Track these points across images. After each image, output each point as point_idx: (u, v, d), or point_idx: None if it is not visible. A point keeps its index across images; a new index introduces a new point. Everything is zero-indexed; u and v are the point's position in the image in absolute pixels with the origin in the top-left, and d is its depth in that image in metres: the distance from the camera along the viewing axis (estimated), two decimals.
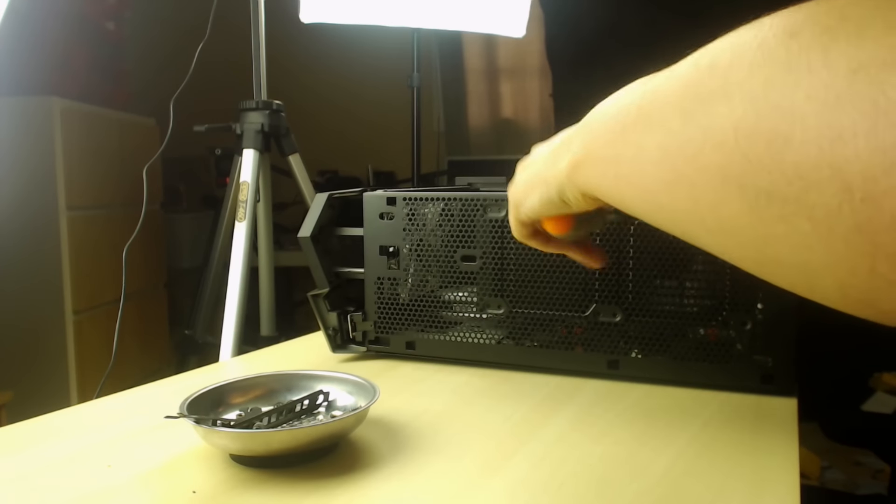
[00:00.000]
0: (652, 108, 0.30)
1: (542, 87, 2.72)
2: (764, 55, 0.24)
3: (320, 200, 0.74)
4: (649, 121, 0.30)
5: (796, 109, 0.22)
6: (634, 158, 0.31)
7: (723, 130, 0.25)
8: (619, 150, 0.33)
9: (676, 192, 0.29)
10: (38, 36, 1.87)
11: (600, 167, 0.36)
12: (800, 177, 0.22)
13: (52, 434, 0.55)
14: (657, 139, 0.29)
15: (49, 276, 1.81)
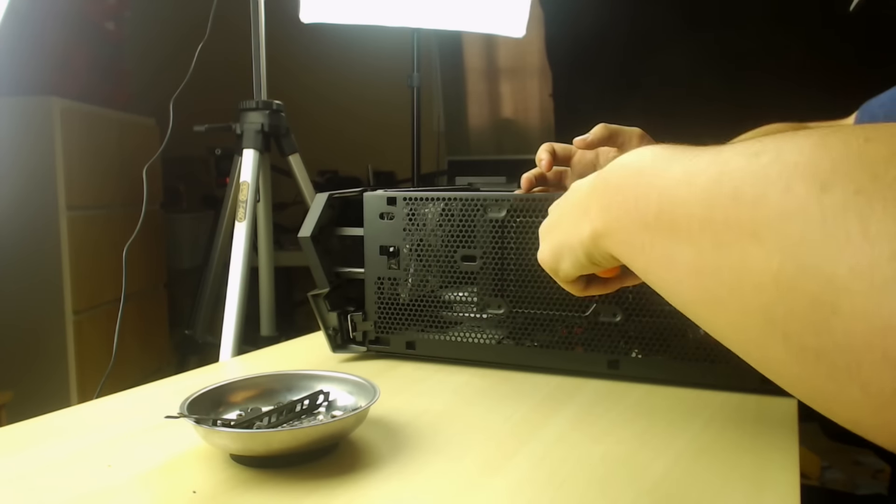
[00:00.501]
0: (674, 217, 0.29)
1: (542, 87, 2.72)
2: (794, 205, 0.23)
3: (320, 200, 0.74)
4: (675, 231, 0.29)
5: (840, 281, 0.21)
6: (665, 265, 0.31)
7: (761, 273, 0.24)
8: (646, 246, 0.32)
9: (716, 315, 0.29)
10: (38, 36, 1.87)
11: (625, 249, 0.36)
12: (851, 350, 0.21)
13: (52, 434, 0.55)
14: (688, 256, 0.29)
15: (49, 276, 1.81)
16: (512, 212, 0.68)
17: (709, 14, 1.66)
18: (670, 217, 0.30)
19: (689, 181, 0.29)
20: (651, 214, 0.31)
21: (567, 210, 0.44)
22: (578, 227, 0.41)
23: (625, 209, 0.34)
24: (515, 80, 2.85)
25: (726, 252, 0.26)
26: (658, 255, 0.32)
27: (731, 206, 0.26)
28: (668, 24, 1.70)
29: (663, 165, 0.32)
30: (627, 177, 0.35)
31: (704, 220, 0.27)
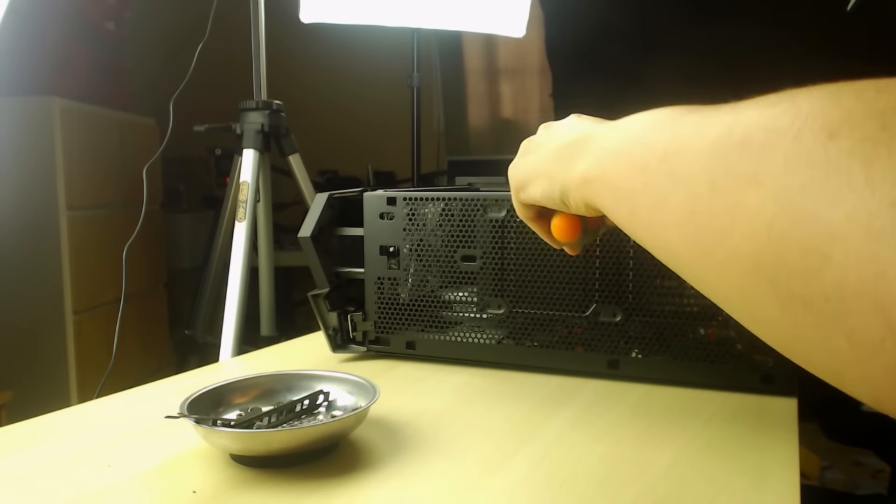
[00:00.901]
0: (679, 161, 0.30)
1: (542, 87, 2.72)
2: (800, 151, 0.23)
3: (320, 200, 0.74)
4: (673, 174, 0.30)
5: (836, 228, 0.21)
6: (655, 208, 0.31)
7: (754, 222, 0.24)
8: (638, 189, 0.33)
9: (701, 262, 0.29)
10: (38, 36, 1.87)
11: (614, 194, 0.36)
12: (840, 299, 0.21)
13: (53, 434, 0.55)
14: (681, 199, 0.29)
15: (49, 276, 1.81)
16: (512, 212, 0.68)
17: (709, 14, 1.66)
18: (674, 161, 0.30)
19: (702, 129, 0.29)
20: (655, 158, 0.31)
21: (562, 139, 0.43)
22: (568, 164, 0.41)
23: (627, 154, 0.34)
24: (515, 80, 2.85)
25: (722, 197, 0.26)
26: (649, 198, 0.31)
27: (738, 153, 0.26)
28: (669, 24, 1.70)
29: (678, 115, 0.32)
30: (639, 128, 0.35)
31: (707, 165, 0.27)
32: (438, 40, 2.85)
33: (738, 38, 1.60)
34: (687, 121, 0.31)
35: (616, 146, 0.36)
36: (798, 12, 1.56)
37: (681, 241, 0.30)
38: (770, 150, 0.24)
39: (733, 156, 0.26)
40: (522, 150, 0.49)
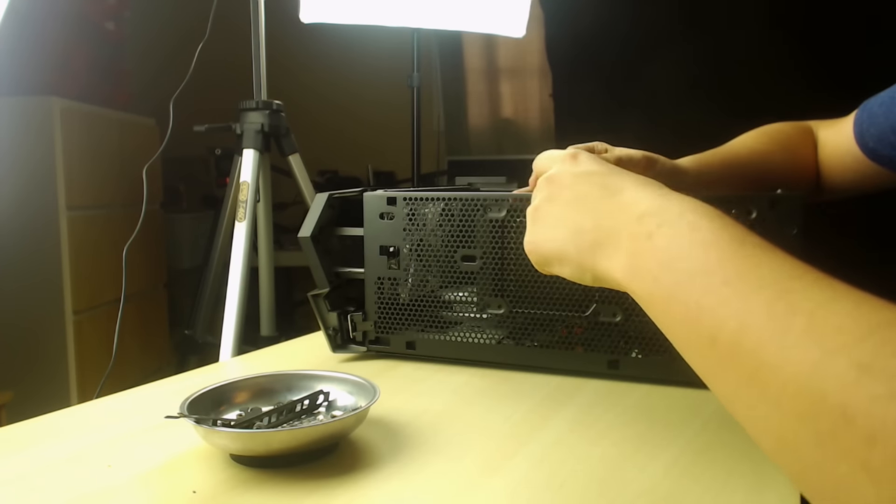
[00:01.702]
0: (755, 367, 0.29)
1: (542, 87, 2.72)
2: (838, 388, 0.24)
3: (320, 200, 0.74)
4: (745, 368, 0.29)
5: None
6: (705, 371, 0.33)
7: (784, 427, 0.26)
8: (699, 351, 0.33)
9: (714, 384, 0.32)
10: (38, 36, 1.87)
11: (653, 310, 0.37)
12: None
13: (53, 434, 0.55)
14: (751, 393, 0.29)
15: (49, 276, 1.81)
16: (512, 212, 0.68)
17: (709, 14, 1.66)
18: (747, 359, 0.29)
19: (777, 320, 0.28)
20: (724, 334, 0.31)
21: (578, 218, 0.42)
22: (595, 256, 0.41)
23: (678, 300, 0.34)
24: (515, 80, 2.85)
25: (760, 397, 0.28)
26: (699, 361, 0.33)
27: (775, 369, 0.27)
28: (669, 23, 1.70)
29: (739, 256, 0.32)
30: (686, 258, 0.35)
31: (783, 386, 0.27)
32: (438, 40, 2.85)
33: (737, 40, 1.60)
34: (756, 291, 0.30)
35: (660, 276, 0.36)
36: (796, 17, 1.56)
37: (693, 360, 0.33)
38: (808, 384, 0.25)
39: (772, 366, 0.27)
40: (531, 218, 0.46)
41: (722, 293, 0.31)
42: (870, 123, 0.73)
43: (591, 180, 0.44)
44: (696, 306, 0.32)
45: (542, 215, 0.45)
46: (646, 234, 0.37)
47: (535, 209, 0.46)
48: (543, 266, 0.46)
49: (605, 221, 0.41)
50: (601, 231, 0.41)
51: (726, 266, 0.32)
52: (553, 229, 0.44)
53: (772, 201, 0.60)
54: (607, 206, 0.41)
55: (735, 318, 0.29)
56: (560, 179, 0.45)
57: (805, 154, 0.82)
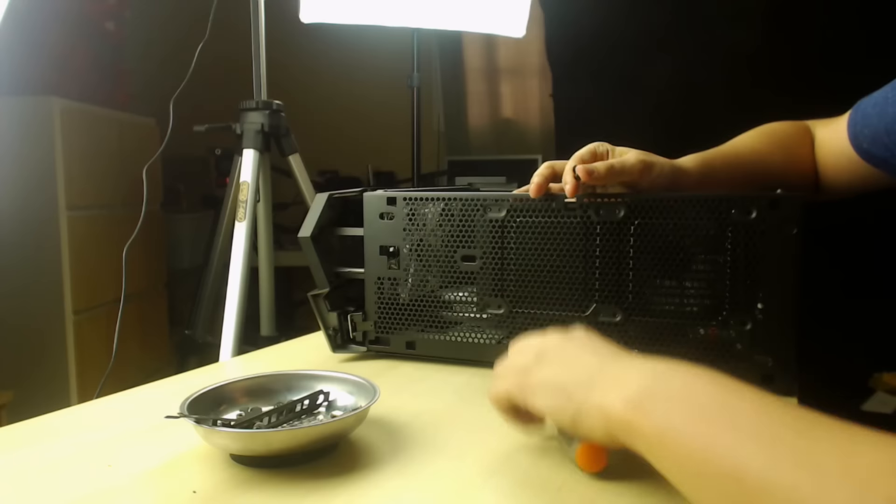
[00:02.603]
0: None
1: (542, 87, 2.72)
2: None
3: (320, 200, 0.74)
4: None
5: None
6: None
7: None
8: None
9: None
10: (38, 36, 1.87)
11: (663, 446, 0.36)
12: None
13: (53, 434, 0.55)
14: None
15: (49, 276, 1.81)
16: (512, 212, 0.68)
17: (709, 13, 1.66)
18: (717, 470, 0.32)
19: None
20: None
21: (576, 383, 0.42)
22: (591, 417, 0.40)
23: (683, 445, 0.35)
24: (515, 80, 2.85)
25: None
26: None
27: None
28: (669, 23, 1.69)
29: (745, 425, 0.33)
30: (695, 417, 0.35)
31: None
32: (438, 40, 2.85)
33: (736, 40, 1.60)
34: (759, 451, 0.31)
35: (671, 410, 0.36)
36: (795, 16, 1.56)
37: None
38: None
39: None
40: (535, 352, 0.46)
41: (748, 430, 0.32)
42: (863, 125, 0.73)
43: (596, 342, 0.45)
44: (719, 442, 0.32)
45: (548, 355, 0.45)
46: (653, 374, 0.38)
47: (542, 344, 0.46)
48: (523, 390, 0.45)
49: (609, 365, 0.41)
50: (603, 370, 0.41)
51: (745, 405, 0.33)
52: (555, 367, 0.44)
53: (772, 201, 0.60)
54: (611, 357, 0.42)
55: (762, 455, 0.30)
56: (574, 335, 0.46)
57: (804, 154, 0.82)
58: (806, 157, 0.81)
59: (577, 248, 0.66)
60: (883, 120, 0.69)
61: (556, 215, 0.66)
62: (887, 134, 0.69)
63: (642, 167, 0.67)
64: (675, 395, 0.36)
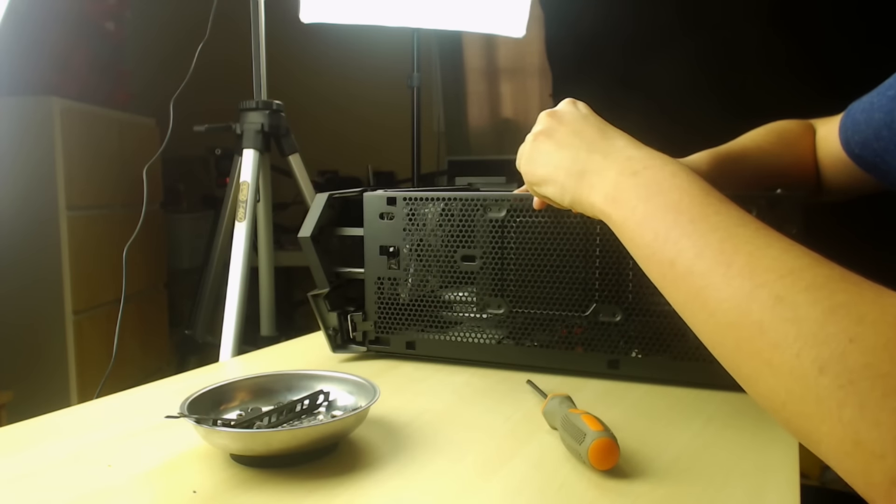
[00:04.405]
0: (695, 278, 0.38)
1: (542, 87, 2.72)
2: (759, 309, 0.34)
3: (320, 200, 0.74)
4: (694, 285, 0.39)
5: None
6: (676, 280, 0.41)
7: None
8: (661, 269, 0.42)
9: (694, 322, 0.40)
10: (38, 36, 1.87)
11: (624, 233, 0.46)
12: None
13: (53, 434, 0.55)
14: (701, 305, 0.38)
15: (49, 276, 1.81)
16: (512, 212, 0.68)
17: (709, 14, 1.66)
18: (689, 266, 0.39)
19: (727, 266, 0.37)
20: (682, 259, 0.40)
21: (574, 149, 0.51)
22: (580, 183, 0.50)
23: (644, 238, 0.43)
24: (515, 80, 2.85)
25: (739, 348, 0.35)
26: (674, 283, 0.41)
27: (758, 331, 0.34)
28: (669, 24, 1.70)
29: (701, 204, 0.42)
30: (658, 202, 0.44)
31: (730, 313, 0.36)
32: (438, 40, 2.85)
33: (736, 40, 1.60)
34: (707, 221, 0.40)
35: (638, 206, 0.44)
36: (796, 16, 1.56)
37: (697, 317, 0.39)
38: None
39: (754, 331, 0.33)
40: (534, 141, 0.55)
41: (687, 228, 0.40)
42: (853, 130, 0.72)
43: (589, 122, 0.53)
44: (664, 235, 0.41)
45: (543, 140, 0.54)
46: (632, 171, 0.46)
47: (540, 133, 0.54)
48: (532, 184, 0.56)
49: (596, 155, 0.49)
50: (591, 162, 0.49)
51: (693, 208, 0.41)
52: (549, 154, 0.53)
53: (772, 201, 0.60)
54: (601, 145, 0.50)
55: (692, 249, 0.39)
56: (562, 116, 0.54)
57: (809, 154, 0.81)
58: (811, 156, 0.81)
59: (577, 248, 0.66)
60: (871, 126, 0.69)
61: (556, 215, 0.66)
62: (876, 140, 0.68)
63: None
64: (642, 192, 0.44)
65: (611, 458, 0.45)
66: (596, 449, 0.45)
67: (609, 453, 0.45)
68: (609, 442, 0.45)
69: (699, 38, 1.65)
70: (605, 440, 0.45)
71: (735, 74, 1.61)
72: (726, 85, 1.62)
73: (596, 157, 0.49)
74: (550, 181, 0.53)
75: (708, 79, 1.61)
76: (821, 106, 0.83)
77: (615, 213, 0.46)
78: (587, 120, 0.53)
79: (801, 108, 0.85)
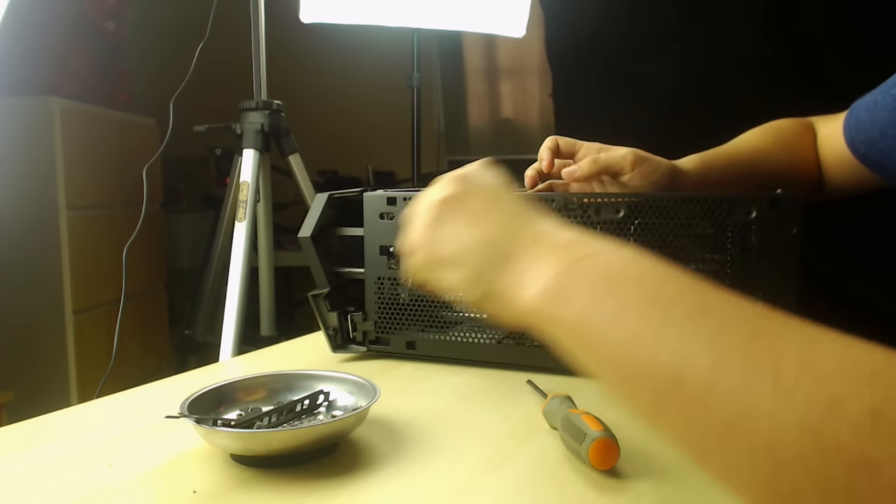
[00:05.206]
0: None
1: (542, 87, 2.72)
2: (854, 437, 0.22)
3: (320, 200, 0.74)
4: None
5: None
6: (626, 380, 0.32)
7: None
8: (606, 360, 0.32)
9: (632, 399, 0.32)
10: (38, 36, 1.87)
11: (581, 337, 0.33)
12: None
13: (53, 434, 0.55)
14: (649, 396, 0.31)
15: (49, 276, 1.81)
16: None
17: (709, 14, 1.66)
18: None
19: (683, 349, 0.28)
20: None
21: (489, 230, 0.38)
22: (501, 269, 0.36)
23: (591, 333, 0.31)
24: (515, 80, 2.85)
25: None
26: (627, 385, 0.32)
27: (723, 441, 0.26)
28: (669, 23, 1.69)
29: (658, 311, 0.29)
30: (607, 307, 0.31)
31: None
32: (438, 40, 2.85)
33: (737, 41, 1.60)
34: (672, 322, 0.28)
35: (601, 299, 0.31)
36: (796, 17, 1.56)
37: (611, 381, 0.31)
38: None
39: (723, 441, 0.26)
40: (432, 212, 0.40)
41: (687, 326, 0.28)
42: (858, 129, 0.72)
43: (508, 194, 0.40)
44: (651, 338, 0.28)
45: (449, 210, 0.40)
46: (576, 257, 0.33)
47: (445, 201, 0.40)
48: (429, 266, 0.40)
49: (523, 236, 0.36)
50: (518, 245, 0.36)
51: (685, 298, 0.29)
52: (458, 229, 0.39)
53: (772, 201, 0.60)
54: (527, 224, 0.37)
55: (707, 356, 0.26)
56: (474, 181, 0.41)
57: (809, 152, 0.81)
58: (811, 155, 0.81)
59: None
60: (875, 124, 0.69)
61: (555, 215, 0.66)
62: (882, 138, 0.68)
63: (634, 158, 0.68)
64: (600, 282, 0.31)
65: (611, 458, 0.45)
66: (596, 449, 0.45)
67: (609, 453, 0.45)
68: (609, 442, 0.45)
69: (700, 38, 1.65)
70: (605, 440, 0.45)
71: (736, 75, 1.61)
72: (728, 85, 1.62)
73: (524, 238, 0.36)
74: (457, 264, 0.38)
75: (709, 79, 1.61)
76: (823, 106, 0.83)
77: (562, 310, 0.32)
78: (505, 191, 0.41)
79: (802, 107, 0.85)
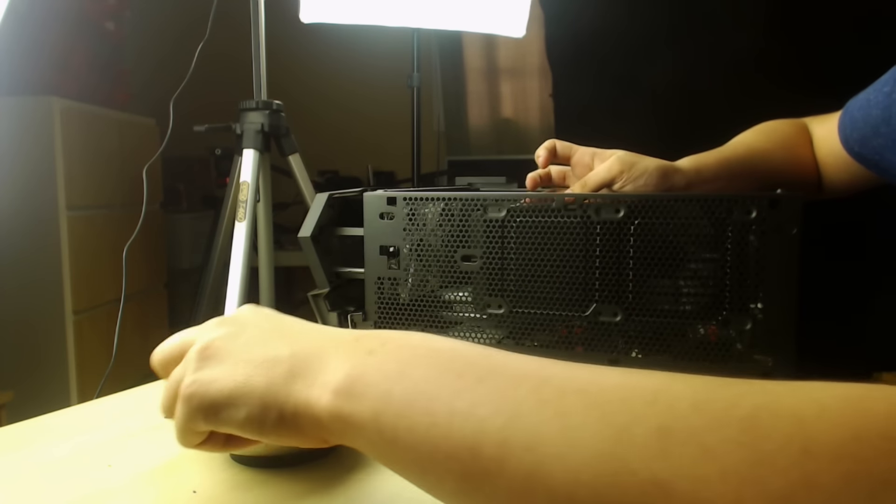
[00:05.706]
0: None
1: (542, 87, 2.72)
2: (643, 459, 0.22)
3: (320, 200, 0.74)
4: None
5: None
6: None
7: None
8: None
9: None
10: (38, 36, 1.87)
11: (382, 436, 0.32)
12: None
13: (53, 434, 0.55)
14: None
15: (49, 276, 1.81)
16: (512, 212, 0.68)
17: (709, 13, 1.66)
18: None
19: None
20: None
21: (267, 353, 0.35)
22: (291, 388, 0.33)
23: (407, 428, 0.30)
24: (515, 80, 2.85)
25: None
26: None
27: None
28: (669, 24, 1.70)
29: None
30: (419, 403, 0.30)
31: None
32: (438, 40, 2.85)
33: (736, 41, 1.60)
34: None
35: (393, 388, 0.30)
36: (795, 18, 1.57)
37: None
38: None
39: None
40: (199, 357, 0.37)
41: (479, 391, 0.27)
42: (852, 128, 0.72)
43: (282, 316, 0.39)
44: (446, 414, 0.28)
45: (217, 351, 0.36)
46: (366, 350, 0.32)
47: (214, 342, 0.37)
48: (206, 415, 0.35)
49: (307, 347, 0.34)
50: (301, 358, 0.34)
51: (476, 365, 0.29)
52: (233, 365, 0.35)
53: (772, 201, 0.60)
54: (311, 335, 0.35)
55: (501, 416, 0.26)
56: (244, 317, 0.39)
57: (804, 152, 0.81)
58: (807, 154, 0.81)
59: (577, 248, 0.66)
60: (868, 123, 0.69)
61: (556, 215, 0.66)
62: (875, 136, 0.69)
63: (620, 168, 0.68)
64: (391, 369, 0.30)
65: None
66: None
67: None
68: None
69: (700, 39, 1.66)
70: None
71: (736, 75, 1.61)
72: (727, 85, 1.62)
73: (306, 348, 0.34)
74: (241, 397, 0.34)
75: (708, 79, 1.62)
76: (823, 105, 0.83)
77: (357, 407, 0.30)
78: (279, 315, 0.39)
79: (803, 107, 0.85)
